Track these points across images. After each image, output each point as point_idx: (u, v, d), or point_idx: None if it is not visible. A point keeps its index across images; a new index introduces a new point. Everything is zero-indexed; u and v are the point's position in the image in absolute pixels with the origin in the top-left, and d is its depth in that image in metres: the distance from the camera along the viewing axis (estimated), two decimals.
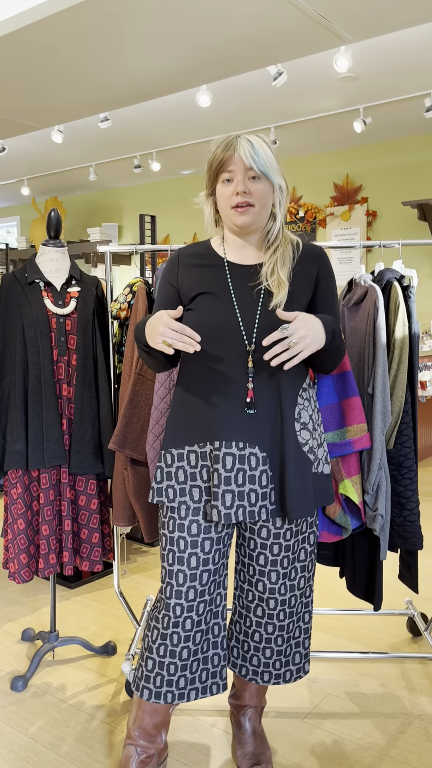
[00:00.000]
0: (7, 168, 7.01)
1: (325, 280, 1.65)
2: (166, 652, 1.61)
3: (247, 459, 1.56)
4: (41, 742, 1.91)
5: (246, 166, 1.53)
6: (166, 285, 1.68)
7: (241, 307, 1.57)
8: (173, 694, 1.63)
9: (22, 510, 2.16)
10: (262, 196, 1.56)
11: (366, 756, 1.85)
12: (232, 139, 1.55)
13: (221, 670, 1.69)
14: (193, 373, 1.62)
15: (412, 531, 2.07)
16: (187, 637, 1.62)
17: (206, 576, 1.62)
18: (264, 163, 1.53)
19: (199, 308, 1.59)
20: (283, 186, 1.60)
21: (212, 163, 1.57)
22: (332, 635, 2.52)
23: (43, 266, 2.21)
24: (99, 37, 3.16)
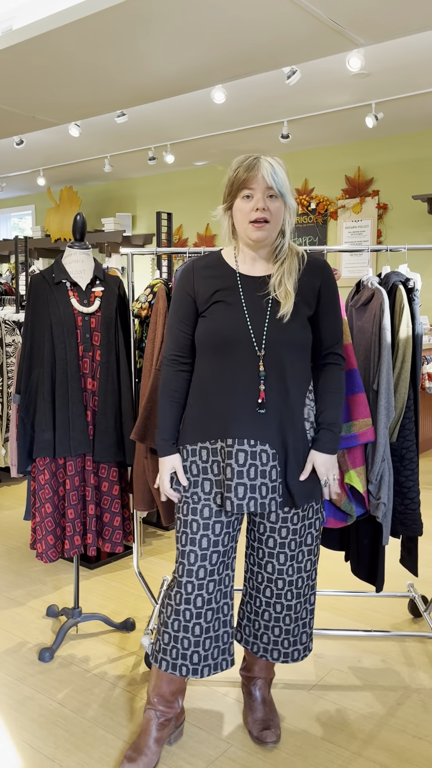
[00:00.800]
0: (24, 159, 7.13)
1: (327, 292, 1.79)
2: (180, 627, 1.77)
3: (259, 455, 1.71)
4: (68, 707, 2.08)
5: (267, 185, 1.66)
6: (183, 294, 1.81)
7: (252, 316, 1.72)
8: (188, 668, 1.79)
9: (49, 495, 2.32)
10: (277, 214, 1.70)
11: (367, 724, 2.01)
12: (254, 160, 1.68)
13: (230, 646, 1.85)
14: (208, 375, 1.76)
15: (413, 518, 2.22)
16: (198, 614, 1.77)
17: (216, 557, 1.77)
18: (282, 184, 1.68)
19: (213, 316, 1.74)
20: (293, 207, 1.74)
21: (234, 180, 1.70)
22: (337, 615, 2.68)
23: (69, 267, 2.35)
24: (119, 40, 3.28)
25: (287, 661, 1.86)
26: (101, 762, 1.84)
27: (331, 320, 1.80)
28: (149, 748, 1.82)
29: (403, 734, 1.96)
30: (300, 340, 1.74)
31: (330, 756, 1.87)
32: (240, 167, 1.69)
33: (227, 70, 3.72)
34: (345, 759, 1.85)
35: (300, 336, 1.74)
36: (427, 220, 6.05)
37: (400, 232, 6.26)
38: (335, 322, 1.81)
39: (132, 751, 1.81)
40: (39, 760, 1.84)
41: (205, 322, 1.76)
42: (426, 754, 1.88)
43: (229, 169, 1.72)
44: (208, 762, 1.84)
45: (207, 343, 1.75)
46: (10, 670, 2.29)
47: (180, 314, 1.81)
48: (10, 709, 2.07)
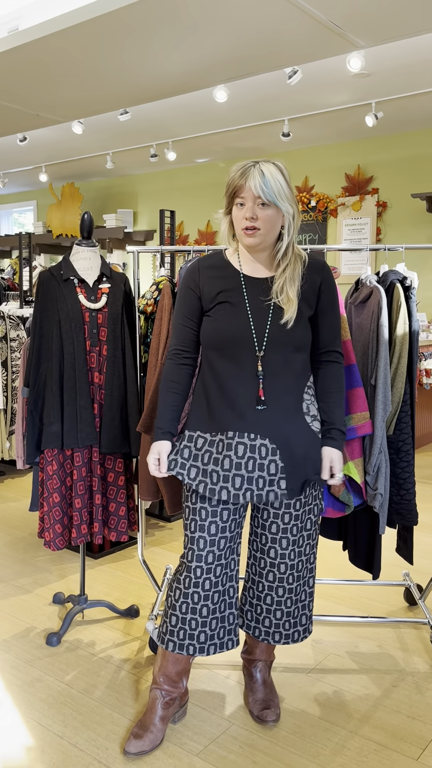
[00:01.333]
0: (26, 155, 7.19)
1: (326, 291, 1.86)
2: (188, 609, 1.85)
3: (258, 449, 1.79)
4: (76, 688, 2.17)
5: (254, 195, 1.72)
6: (188, 292, 1.89)
7: (255, 318, 1.79)
8: (194, 647, 1.87)
9: (57, 485, 2.40)
10: (269, 221, 1.75)
11: (362, 705, 2.09)
12: (248, 167, 1.73)
13: (235, 627, 1.94)
14: (211, 372, 1.85)
15: (408, 509, 2.30)
16: (206, 596, 1.85)
17: (223, 542, 1.85)
18: (273, 193, 1.71)
19: (218, 316, 1.82)
20: (290, 211, 1.77)
21: (229, 186, 1.77)
22: (335, 603, 2.77)
23: (77, 264, 2.42)
24: (123, 42, 3.34)
25: (288, 642, 1.94)
26: (108, 739, 1.92)
27: (331, 319, 1.87)
28: (155, 725, 1.90)
29: (398, 714, 2.04)
30: (300, 341, 1.81)
31: (327, 734, 1.95)
32: (236, 173, 1.75)
33: (229, 70, 3.79)
34: (342, 737, 1.94)
35: (300, 337, 1.81)
36: (426, 218, 6.12)
37: (399, 230, 6.33)
38: (335, 320, 1.88)
39: (138, 728, 1.90)
40: (49, 737, 1.93)
41: (209, 322, 1.83)
42: (419, 732, 1.96)
43: (228, 174, 1.78)
44: (211, 739, 1.93)
45: (211, 341, 1.83)
46: (18, 653, 2.37)
47: (185, 311, 1.89)
48: (20, 690, 2.15)
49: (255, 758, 1.85)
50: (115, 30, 3.21)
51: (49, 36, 3.28)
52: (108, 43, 3.36)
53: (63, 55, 3.52)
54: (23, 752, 1.87)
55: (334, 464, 1.85)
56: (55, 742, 1.91)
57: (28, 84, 3.98)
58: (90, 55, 3.51)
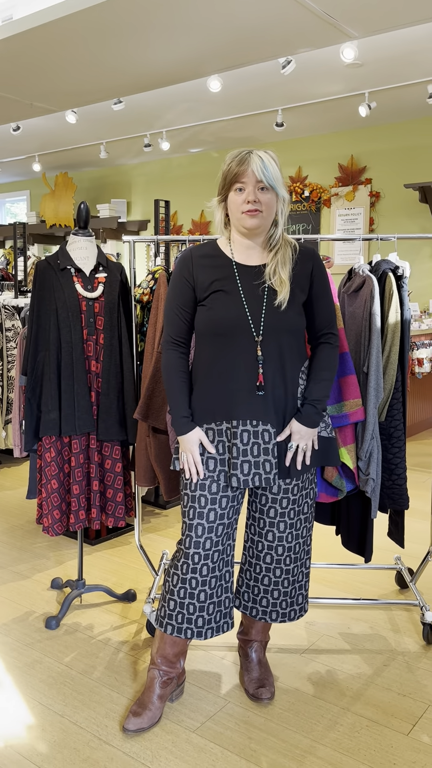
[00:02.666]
0: (19, 144, 7.17)
1: (318, 276, 1.91)
2: (186, 594, 1.90)
3: (261, 434, 1.84)
4: (75, 669, 2.22)
5: (257, 178, 1.77)
6: (181, 281, 1.91)
7: (249, 304, 1.83)
8: (192, 631, 1.92)
9: (55, 472, 2.44)
10: (269, 204, 1.80)
11: (355, 683, 2.15)
12: (245, 154, 1.78)
13: (230, 611, 1.98)
14: (209, 361, 1.88)
15: (400, 493, 2.35)
16: (204, 582, 1.90)
17: (221, 529, 1.90)
18: (272, 177, 1.77)
19: (213, 305, 1.85)
20: (285, 198, 1.84)
21: (227, 174, 1.80)
22: (328, 587, 2.83)
23: (74, 254, 2.45)
24: (118, 31, 3.35)
25: (285, 621, 2.00)
26: (108, 717, 1.98)
27: (325, 303, 1.92)
28: (153, 703, 1.95)
29: (389, 692, 2.11)
30: (296, 325, 1.86)
31: (320, 711, 2.01)
32: (232, 161, 1.79)
33: (223, 60, 3.81)
34: (334, 714, 2.00)
35: (296, 321, 1.86)
36: (418, 208, 6.15)
37: (392, 220, 6.37)
38: (328, 304, 1.93)
39: (137, 706, 1.95)
40: (49, 716, 1.98)
41: (204, 311, 1.87)
42: (410, 709, 2.02)
43: (224, 163, 1.82)
44: (207, 717, 1.98)
45: (207, 330, 1.86)
46: (18, 636, 2.42)
47: (178, 300, 1.91)
48: (20, 672, 2.20)
49: (250, 734, 1.91)
50: (109, 20, 3.22)
51: (43, 26, 3.29)
52: (102, 32, 3.37)
53: (57, 45, 3.53)
54: (25, 731, 1.92)
55: (293, 435, 1.86)
56: (55, 721, 1.96)
57: (21, 73, 3.98)
58: (84, 44, 3.52)
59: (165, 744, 1.87)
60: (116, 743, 1.87)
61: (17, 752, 1.83)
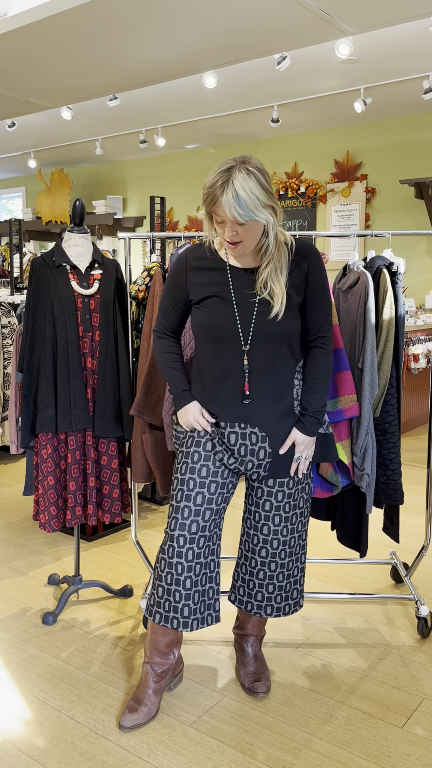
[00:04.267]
0: (15, 141, 7.15)
1: (315, 276, 1.86)
2: (173, 580, 1.89)
3: (248, 436, 1.87)
4: (72, 664, 2.23)
5: (230, 219, 1.70)
6: (176, 281, 1.92)
7: (240, 311, 1.83)
8: (178, 621, 1.91)
9: (51, 468, 2.45)
10: (249, 233, 1.74)
11: (350, 677, 2.17)
12: (221, 185, 1.67)
13: (215, 602, 1.97)
14: (203, 362, 1.91)
15: (394, 488, 2.36)
16: (189, 567, 1.89)
17: (209, 514, 1.90)
18: (249, 211, 1.67)
19: (207, 308, 1.85)
20: (269, 219, 1.73)
21: (207, 195, 1.73)
22: (324, 582, 2.84)
23: (69, 251, 2.45)
24: (113, 27, 3.34)
25: (279, 615, 2.01)
26: (105, 711, 1.99)
27: (320, 304, 1.88)
28: (149, 698, 1.96)
29: (384, 685, 2.12)
30: (289, 331, 1.84)
31: (316, 704, 2.03)
32: (211, 188, 1.70)
33: (218, 56, 3.80)
34: (330, 707, 2.01)
35: (289, 326, 1.83)
36: (414, 204, 6.16)
37: (387, 215, 6.37)
38: (324, 306, 1.89)
39: (133, 701, 1.96)
40: (47, 711, 1.99)
41: (198, 314, 1.88)
42: (404, 702, 2.04)
43: (208, 177, 1.73)
44: (204, 710, 2.00)
45: (200, 335, 1.89)
46: (15, 632, 2.43)
47: (172, 298, 1.95)
48: (17, 667, 2.21)
49: (246, 728, 1.92)
50: (105, 16, 3.22)
51: (38, 22, 3.28)
52: (97, 29, 3.36)
53: (52, 41, 3.52)
54: (22, 725, 1.93)
55: (297, 446, 1.90)
56: (53, 716, 1.97)
57: (17, 69, 3.97)
58: (80, 40, 3.51)
59: (161, 738, 1.88)
60: (113, 737, 1.88)
61: (15, 747, 1.85)
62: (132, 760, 1.79)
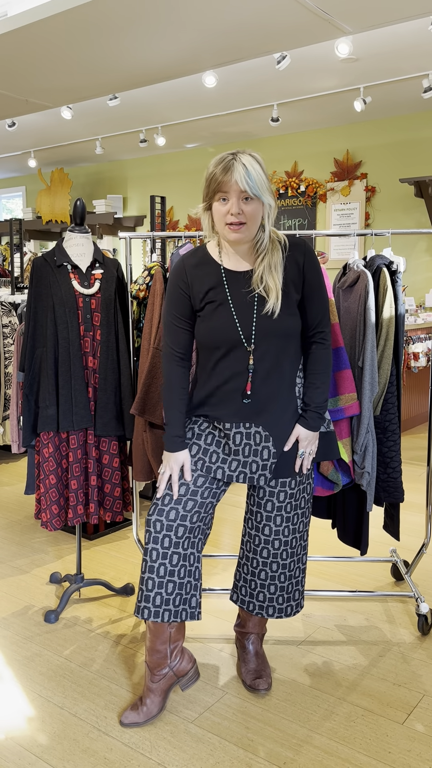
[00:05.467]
0: (15, 140, 7.16)
1: (309, 271, 1.86)
2: (146, 567, 1.88)
3: (253, 436, 1.87)
4: (74, 662, 2.24)
5: (240, 189, 1.71)
6: (177, 291, 1.90)
7: (239, 313, 1.82)
8: (149, 611, 1.88)
9: (53, 467, 2.46)
10: (253, 215, 1.76)
11: (351, 674, 2.18)
12: (229, 161, 1.71)
13: (191, 598, 1.94)
14: (207, 368, 1.90)
15: (395, 486, 2.37)
16: (164, 554, 1.88)
17: (191, 504, 1.90)
18: (257, 186, 1.70)
19: (207, 315, 1.85)
20: (271, 204, 1.77)
21: (210, 182, 1.76)
22: (325, 579, 2.85)
23: (70, 250, 2.46)
24: (114, 28, 3.35)
25: (281, 617, 2.01)
26: (107, 708, 2.00)
27: (317, 299, 1.89)
28: (149, 698, 1.97)
29: (384, 682, 2.13)
30: (290, 329, 1.85)
31: (317, 701, 2.04)
32: (216, 168, 1.73)
33: (218, 56, 3.81)
34: (331, 704, 2.03)
35: (290, 324, 1.84)
36: (414, 202, 6.17)
37: (387, 214, 6.38)
38: (321, 301, 1.90)
39: (137, 700, 1.97)
40: (49, 708, 2.00)
41: (200, 323, 1.87)
42: (405, 699, 2.05)
43: (207, 168, 1.77)
44: (205, 707, 2.01)
45: (203, 342, 1.88)
46: (18, 630, 2.44)
47: (176, 311, 1.90)
48: (20, 665, 2.22)
49: (248, 724, 1.93)
50: (105, 16, 3.22)
51: (38, 22, 3.29)
52: (97, 28, 3.37)
53: (52, 41, 3.53)
54: (25, 722, 1.94)
55: (301, 442, 1.90)
56: (55, 713, 1.98)
57: (17, 69, 3.98)
58: (79, 40, 3.52)
59: (163, 734, 1.89)
60: (115, 734, 1.89)
61: (18, 744, 1.86)
62: (134, 757, 1.80)
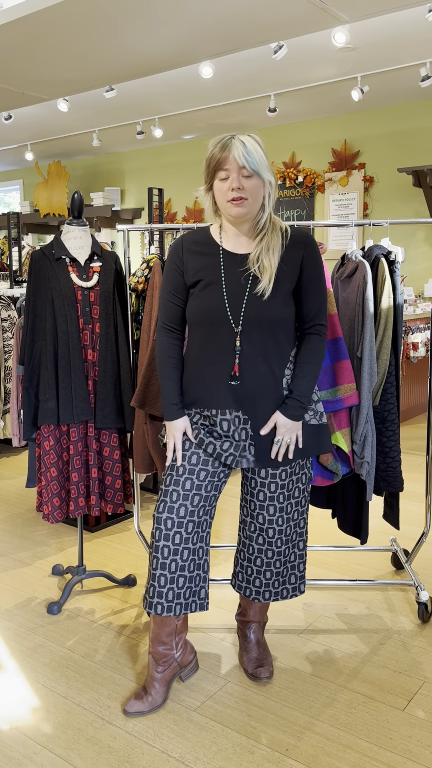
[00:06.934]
0: (11, 133, 7.13)
1: (309, 265, 1.88)
2: (158, 564, 1.90)
3: (234, 420, 1.88)
4: (77, 653, 2.26)
5: (239, 165, 1.75)
6: (172, 267, 1.93)
7: (229, 294, 1.83)
8: (162, 606, 1.91)
9: (54, 460, 2.47)
10: (254, 191, 1.79)
11: (351, 661, 2.20)
12: (228, 140, 1.77)
13: (200, 590, 1.98)
14: (195, 349, 1.91)
15: (394, 476, 2.39)
16: (175, 551, 1.90)
17: (197, 499, 1.92)
18: (255, 162, 1.76)
19: (198, 294, 1.87)
20: (272, 181, 1.82)
21: (210, 161, 1.79)
22: (325, 569, 2.87)
23: (68, 243, 2.46)
24: (109, 18, 3.34)
25: (277, 599, 2.04)
26: (110, 698, 2.02)
27: (315, 293, 1.89)
28: (153, 687, 1.99)
29: (385, 669, 2.15)
30: (279, 317, 1.85)
31: (318, 689, 2.06)
32: (215, 147, 1.78)
33: (214, 46, 3.79)
34: (332, 691, 2.05)
35: (280, 312, 1.84)
36: (412, 192, 6.16)
37: (386, 204, 6.37)
38: (319, 294, 1.90)
39: (141, 690, 1.99)
40: (53, 698, 2.02)
41: (192, 300, 1.89)
42: (405, 686, 2.07)
43: (207, 149, 1.80)
44: (208, 696, 2.03)
45: (192, 320, 1.90)
46: (21, 621, 2.46)
47: (170, 286, 1.94)
48: (24, 656, 2.24)
49: (250, 712, 1.95)
50: (101, 6, 3.21)
51: (34, 14, 3.27)
52: (93, 20, 3.35)
53: (48, 33, 3.51)
54: (29, 712, 1.96)
55: (279, 429, 1.88)
56: (59, 702, 2.00)
57: (13, 62, 3.96)
58: (75, 32, 3.50)
59: (167, 723, 1.91)
60: (119, 723, 1.91)
61: (23, 733, 1.88)
62: (138, 745, 1.82)
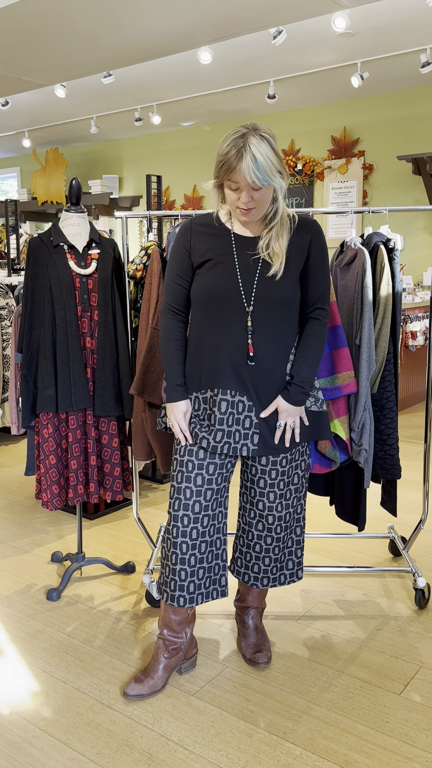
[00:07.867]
0: (8, 120, 7.08)
1: (316, 249, 1.89)
2: (177, 560, 1.94)
3: (236, 405, 1.88)
4: (77, 638, 2.27)
5: (250, 183, 1.72)
6: (180, 249, 1.93)
7: (243, 274, 1.84)
8: (185, 599, 1.96)
9: (53, 447, 2.47)
10: (263, 200, 1.78)
11: (349, 647, 2.22)
12: (242, 147, 1.69)
13: (220, 578, 2.03)
14: (201, 329, 1.90)
15: (392, 463, 2.40)
16: (193, 545, 1.94)
17: (210, 493, 1.94)
18: (267, 175, 1.71)
19: (207, 273, 1.87)
20: (283, 185, 1.79)
21: (222, 163, 1.74)
22: (323, 556, 2.89)
23: (66, 230, 2.45)
24: (107, 4, 3.30)
25: (275, 585, 2.06)
26: (109, 683, 2.04)
27: (320, 277, 1.91)
28: (156, 672, 2.01)
29: (382, 654, 2.17)
30: (288, 298, 1.86)
31: (316, 674, 2.08)
32: (228, 153, 1.71)
33: (213, 31, 3.76)
34: (329, 676, 2.06)
35: (289, 293, 1.86)
36: (412, 180, 6.13)
37: (385, 192, 6.34)
38: (323, 278, 1.92)
39: (141, 674, 2.01)
40: (53, 683, 2.04)
41: (199, 279, 1.89)
42: (402, 670, 2.09)
43: (220, 144, 1.75)
44: (206, 681, 2.05)
45: (200, 299, 1.89)
46: (21, 608, 2.47)
47: (176, 268, 1.94)
48: (24, 642, 2.25)
49: (248, 696, 1.97)
50: None
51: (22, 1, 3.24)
52: (90, 4, 3.32)
53: (45, 18, 3.48)
54: (29, 697, 1.98)
55: (281, 414, 1.89)
56: (59, 687, 2.02)
57: (9, 47, 3.92)
58: (72, 16, 3.46)
59: (166, 707, 1.93)
60: (118, 707, 1.93)
61: (23, 718, 1.89)
62: (137, 729, 1.84)
